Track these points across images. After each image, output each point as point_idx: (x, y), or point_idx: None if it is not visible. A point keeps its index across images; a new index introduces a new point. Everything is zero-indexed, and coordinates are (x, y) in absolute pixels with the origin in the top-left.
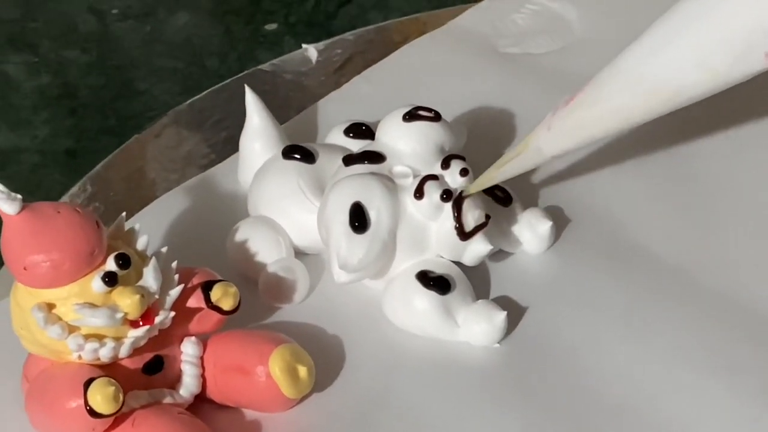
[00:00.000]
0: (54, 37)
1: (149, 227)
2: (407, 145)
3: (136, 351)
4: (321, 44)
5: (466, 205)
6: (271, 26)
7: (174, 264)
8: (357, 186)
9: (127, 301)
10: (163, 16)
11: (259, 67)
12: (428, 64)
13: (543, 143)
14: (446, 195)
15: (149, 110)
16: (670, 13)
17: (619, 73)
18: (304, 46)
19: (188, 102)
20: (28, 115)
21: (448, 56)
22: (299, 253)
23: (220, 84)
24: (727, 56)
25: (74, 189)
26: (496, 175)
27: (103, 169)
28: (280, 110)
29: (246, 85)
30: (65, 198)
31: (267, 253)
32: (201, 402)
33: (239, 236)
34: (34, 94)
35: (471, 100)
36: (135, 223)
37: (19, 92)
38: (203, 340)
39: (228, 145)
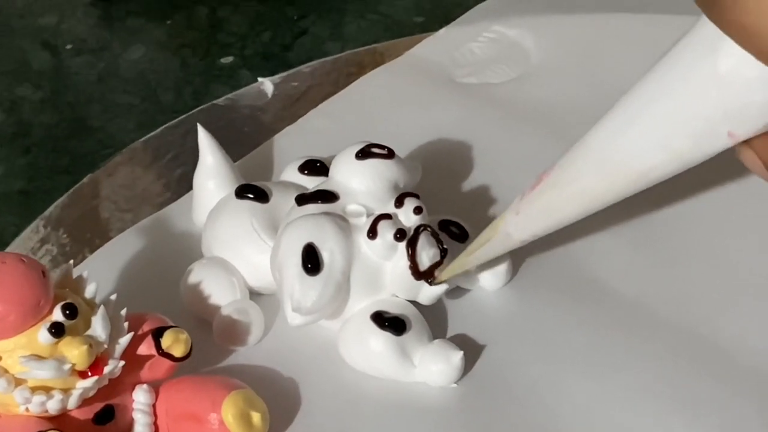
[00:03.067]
0: (6, 73)
1: (102, 269)
2: (360, 183)
3: (86, 401)
4: (277, 77)
5: (421, 244)
6: (227, 59)
7: (123, 311)
8: (309, 227)
9: (74, 352)
10: (118, 51)
11: (214, 101)
12: (385, 96)
13: (512, 228)
14: (400, 234)
15: (104, 148)
16: (632, 93)
17: (583, 155)
18: (259, 79)
19: (143, 139)
20: None
21: (406, 87)
22: (254, 294)
23: (175, 120)
24: (690, 137)
25: (27, 231)
26: (467, 260)
27: (56, 209)
28: (236, 146)
29: (198, 124)
30: (18, 241)
31: (221, 294)
32: None
33: (193, 278)
34: None
35: (428, 131)
36: (88, 264)
37: None
38: (155, 387)
39: (183, 182)
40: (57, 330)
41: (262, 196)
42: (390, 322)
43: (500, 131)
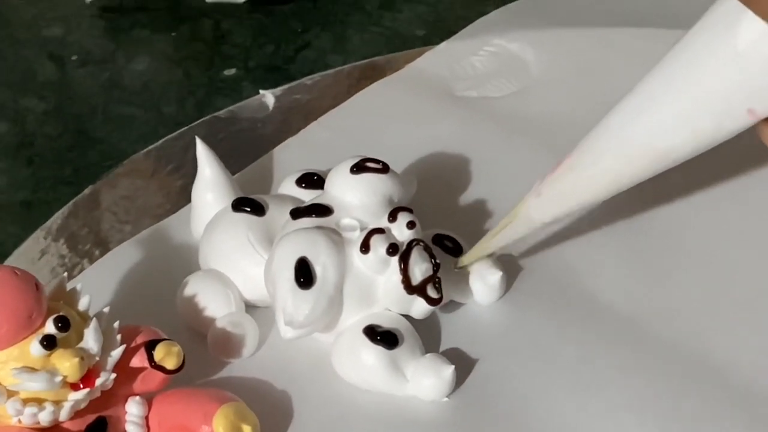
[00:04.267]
0: (12, 84)
1: (100, 281)
2: (355, 198)
3: (78, 413)
4: (278, 90)
5: (413, 259)
6: (230, 71)
7: (116, 324)
8: (302, 241)
9: (66, 364)
10: (122, 62)
11: (216, 114)
12: (385, 109)
13: (533, 211)
14: (392, 249)
15: (106, 159)
16: (652, 73)
17: (604, 137)
18: (261, 92)
19: (144, 151)
20: None
21: (406, 100)
22: (250, 306)
23: (177, 132)
24: (710, 116)
25: (27, 242)
26: (489, 245)
27: (57, 220)
28: (236, 158)
29: (197, 137)
30: (18, 251)
31: (216, 307)
32: None
33: (188, 290)
34: None
35: (427, 144)
36: (86, 276)
37: None
38: (148, 399)
39: (183, 194)
40: (49, 342)
41: (258, 209)
42: (382, 336)
43: (499, 145)
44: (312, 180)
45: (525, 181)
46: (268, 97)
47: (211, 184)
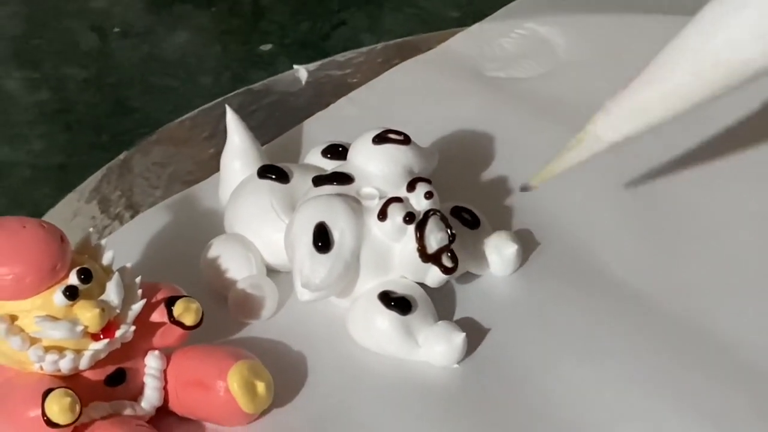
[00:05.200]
0: (55, 53)
1: (129, 242)
2: (376, 167)
3: (98, 363)
4: (312, 65)
5: (429, 228)
6: (266, 47)
7: (138, 279)
8: (322, 207)
9: (87, 315)
10: (162, 36)
11: (249, 87)
12: (414, 87)
13: (601, 129)
14: (409, 217)
15: (141, 127)
16: None
17: (679, 51)
18: (294, 67)
19: (178, 120)
20: (24, 130)
21: (435, 79)
22: (271, 271)
23: (211, 103)
24: None
25: (61, 203)
26: (558, 164)
27: (91, 184)
28: (266, 129)
29: (227, 106)
30: (52, 212)
31: (237, 269)
32: (164, 414)
33: (212, 253)
34: (32, 109)
35: (452, 122)
36: (116, 237)
37: (18, 107)
38: (167, 354)
39: (214, 162)
40: (71, 293)
41: (282, 176)
42: (396, 302)
43: (523, 125)
44: (337, 151)
45: (547, 161)
46: (302, 72)
47: (239, 152)
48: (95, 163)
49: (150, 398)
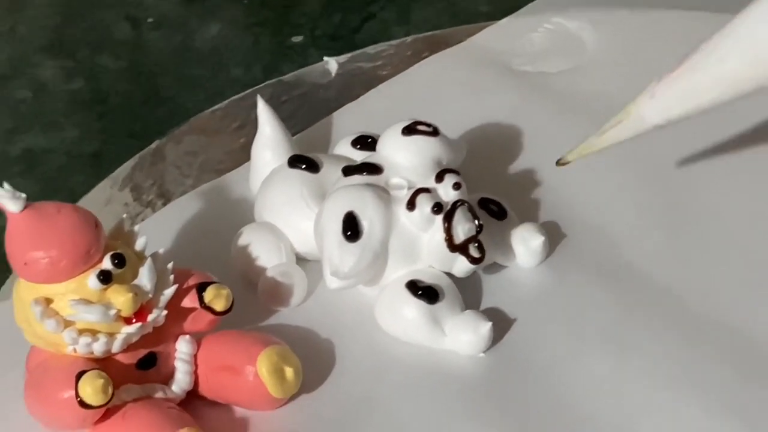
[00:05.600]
0: (90, 43)
1: (161, 229)
2: (405, 158)
3: (130, 347)
4: (342, 57)
5: (457, 218)
6: (297, 38)
7: (170, 265)
8: (351, 196)
9: (120, 299)
10: (195, 27)
11: (280, 78)
12: (443, 80)
13: (646, 111)
14: (437, 208)
15: (173, 116)
16: None
17: (731, 38)
18: (325, 58)
19: (210, 110)
20: (59, 118)
21: (463, 72)
22: (300, 259)
23: (242, 93)
24: None
25: (94, 191)
26: (596, 141)
27: (123, 172)
28: (297, 120)
29: (258, 96)
30: (85, 199)
31: (267, 257)
32: (193, 398)
33: (242, 240)
34: (66, 98)
35: (480, 115)
36: (148, 224)
37: (52, 96)
38: (198, 339)
39: (245, 152)
40: (105, 277)
41: (312, 166)
42: (424, 291)
43: (551, 119)
44: (366, 142)
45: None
46: (332, 63)
47: (270, 142)
48: (128, 152)
49: (180, 382)
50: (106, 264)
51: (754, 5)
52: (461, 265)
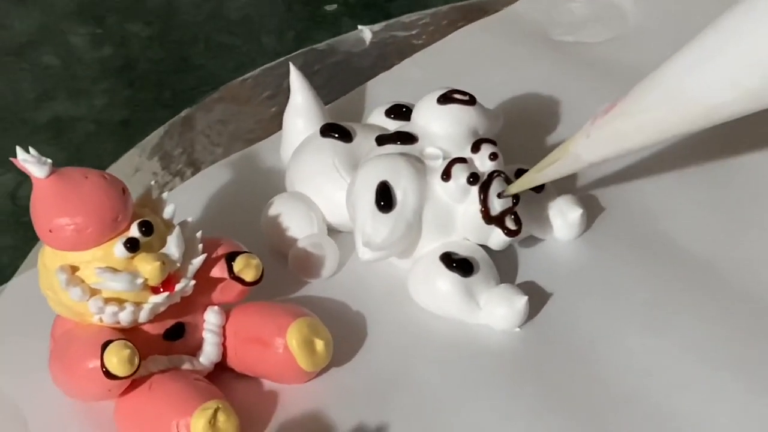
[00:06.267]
0: (120, 10)
1: (191, 199)
2: (440, 128)
3: (158, 317)
4: (376, 26)
5: (493, 189)
6: (331, 7)
7: (199, 234)
8: (385, 166)
9: (147, 267)
10: None
11: (313, 46)
12: (479, 50)
13: (581, 150)
14: (473, 178)
15: (203, 84)
16: (709, 28)
17: (657, 86)
18: (359, 27)
19: (240, 78)
20: (87, 86)
21: (500, 42)
22: (332, 230)
23: (274, 62)
24: (761, 78)
25: (123, 158)
26: (535, 177)
27: (153, 140)
28: (329, 89)
29: (291, 64)
30: (113, 167)
31: (298, 228)
32: (221, 370)
33: (273, 211)
34: (95, 65)
35: (518, 85)
36: (177, 193)
37: (81, 63)
38: (226, 311)
39: (276, 121)
40: (132, 245)
41: (345, 135)
42: (458, 263)
43: (589, 89)
44: (401, 111)
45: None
46: (366, 32)
47: (302, 110)
48: (157, 120)
49: (209, 354)
50: (134, 232)
51: (677, 55)
52: (497, 238)
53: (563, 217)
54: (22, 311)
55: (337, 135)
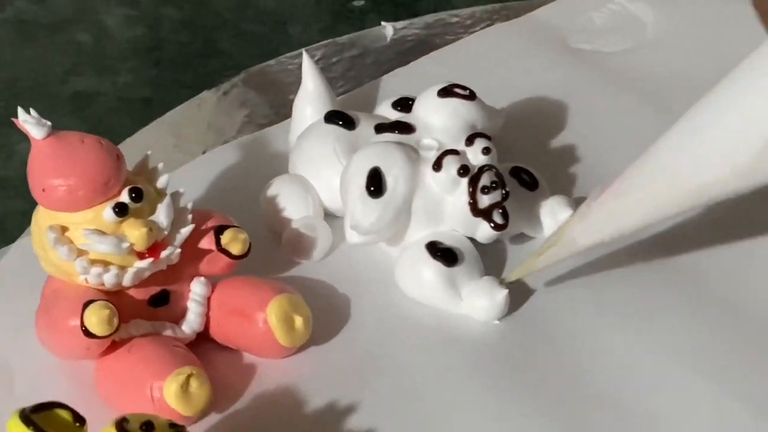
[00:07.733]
0: None
1: (196, 177)
2: (438, 120)
3: (144, 283)
4: (399, 23)
5: (482, 183)
6: (359, 3)
7: (189, 205)
8: (379, 152)
9: (135, 233)
10: None
11: (335, 39)
12: (497, 51)
13: (577, 234)
14: (463, 170)
15: (226, 69)
16: (699, 105)
17: (648, 166)
18: (382, 23)
19: (261, 65)
20: (115, 63)
21: (518, 46)
22: (329, 215)
23: (295, 51)
24: (751, 157)
25: (137, 133)
26: (535, 262)
27: (169, 118)
28: (345, 81)
29: (304, 51)
30: (128, 141)
31: (294, 209)
32: (203, 341)
33: (271, 191)
34: (125, 45)
35: (530, 88)
36: (184, 171)
37: (112, 41)
38: (214, 283)
39: (290, 108)
40: (121, 210)
41: (348, 122)
42: (442, 252)
43: (601, 97)
44: (407, 104)
45: (621, 134)
46: (388, 28)
47: (311, 97)
48: (178, 100)
49: (191, 322)
50: (124, 197)
51: (669, 133)
52: (484, 231)
53: (554, 216)
54: (21, 272)
55: (340, 122)
